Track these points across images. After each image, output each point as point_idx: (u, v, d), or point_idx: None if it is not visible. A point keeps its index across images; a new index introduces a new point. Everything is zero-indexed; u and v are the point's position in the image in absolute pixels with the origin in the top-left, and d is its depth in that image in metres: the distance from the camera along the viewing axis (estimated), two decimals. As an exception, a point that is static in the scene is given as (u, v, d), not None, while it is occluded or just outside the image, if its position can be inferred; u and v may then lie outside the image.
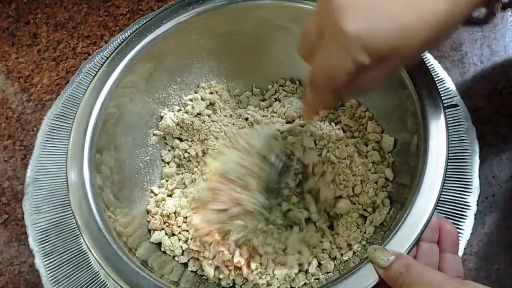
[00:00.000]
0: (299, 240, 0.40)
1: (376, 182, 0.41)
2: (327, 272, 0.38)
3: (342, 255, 0.39)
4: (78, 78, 0.51)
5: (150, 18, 0.44)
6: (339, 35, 0.27)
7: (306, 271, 0.38)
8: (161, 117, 0.47)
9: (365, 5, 0.27)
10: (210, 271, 0.39)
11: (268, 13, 0.45)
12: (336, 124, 0.46)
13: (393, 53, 0.28)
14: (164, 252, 0.41)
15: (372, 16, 0.27)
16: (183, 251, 0.41)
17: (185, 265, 0.41)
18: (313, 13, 0.30)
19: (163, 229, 0.43)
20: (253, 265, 0.39)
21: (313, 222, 0.41)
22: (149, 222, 0.43)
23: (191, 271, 0.41)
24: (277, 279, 0.38)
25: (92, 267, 0.43)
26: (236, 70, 0.49)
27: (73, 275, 0.42)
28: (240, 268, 0.39)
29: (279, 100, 0.49)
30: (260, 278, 0.38)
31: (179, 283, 0.38)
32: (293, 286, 0.38)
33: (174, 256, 0.41)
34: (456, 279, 0.29)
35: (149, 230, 0.43)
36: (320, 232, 0.41)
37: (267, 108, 0.49)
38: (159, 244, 0.42)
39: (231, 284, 0.40)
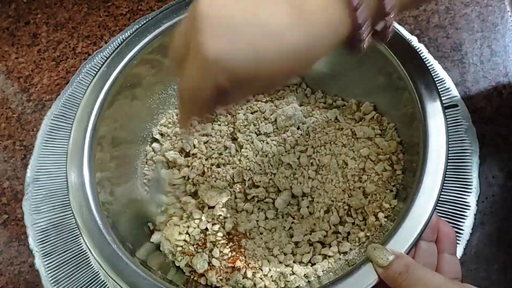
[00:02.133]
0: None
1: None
2: (324, 271, 0.38)
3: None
4: (78, 78, 0.51)
5: (150, 18, 0.44)
6: (200, 55, 0.27)
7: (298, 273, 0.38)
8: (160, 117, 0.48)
9: (227, 26, 0.26)
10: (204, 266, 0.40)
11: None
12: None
13: (251, 79, 0.27)
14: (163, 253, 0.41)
15: (233, 40, 0.26)
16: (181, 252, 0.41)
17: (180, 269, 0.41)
18: (183, 21, 0.29)
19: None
20: (249, 273, 0.39)
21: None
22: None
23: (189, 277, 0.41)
24: (271, 277, 0.38)
25: (92, 267, 0.43)
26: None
27: (73, 275, 0.42)
28: (234, 267, 0.39)
29: (283, 98, 0.49)
30: (255, 277, 0.39)
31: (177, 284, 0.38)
32: (289, 286, 0.38)
33: (172, 257, 0.41)
34: (455, 282, 0.29)
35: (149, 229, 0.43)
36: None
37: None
38: (159, 245, 0.42)
39: None
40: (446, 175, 0.34)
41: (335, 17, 0.26)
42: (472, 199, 0.42)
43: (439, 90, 0.37)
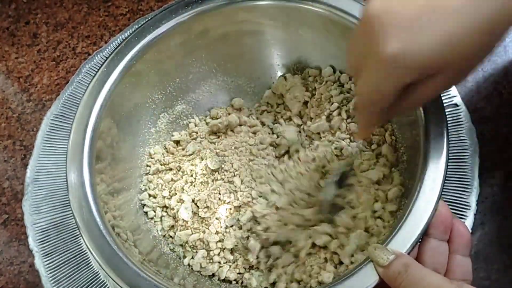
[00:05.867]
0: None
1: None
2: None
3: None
4: (78, 78, 0.51)
5: (149, 18, 0.44)
6: (379, 57, 0.26)
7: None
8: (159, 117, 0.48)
9: (405, 20, 0.25)
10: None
11: (268, 14, 0.45)
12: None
13: (440, 68, 0.27)
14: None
15: (414, 31, 0.25)
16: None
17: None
18: (356, 30, 0.29)
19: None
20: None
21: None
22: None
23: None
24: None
25: (92, 267, 0.43)
26: (235, 71, 0.49)
27: (73, 275, 0.42)
28: None
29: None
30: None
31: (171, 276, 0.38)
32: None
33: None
34: (454, 283, 0.29)
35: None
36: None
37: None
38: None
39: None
40: (446, 175, 0.34)
41: None
42: (472, 199, 0.42)
43: (439, 90, 0.37)
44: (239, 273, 0.41)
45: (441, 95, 0.37)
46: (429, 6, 0.25)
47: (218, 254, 0.41)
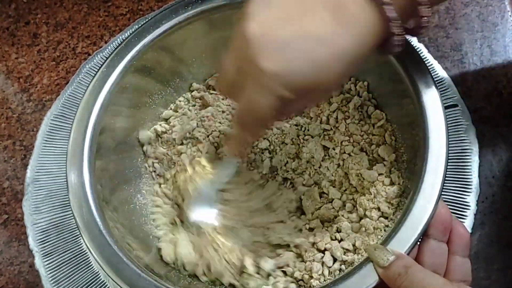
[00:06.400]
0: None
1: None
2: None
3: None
4: (78, 78, 0.52)
5: (149, 18, 0.44)
6: (259, 74, 0.28)
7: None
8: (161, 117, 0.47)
9: (280, 43, 0.28)
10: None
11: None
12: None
13: (312, 87, 0.29)
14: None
15: (288, 54, 0.28)
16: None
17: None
18: (230, 49, 0.31)
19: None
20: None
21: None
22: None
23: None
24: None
25: (92, 267, 0.43)
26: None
27: (73, 275, 0.42)
28: None
29: None
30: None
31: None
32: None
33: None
34: (454, 284, 0.29)
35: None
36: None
37: None
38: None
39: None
40: (446, 175, 0.34)
41: (373, 15, 0.28)
42: (472, 199, 0.42)
43: (439, 90, 0.37)
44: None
45: (441, 95, 0.37)
46: (300, 32, 0.28)
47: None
